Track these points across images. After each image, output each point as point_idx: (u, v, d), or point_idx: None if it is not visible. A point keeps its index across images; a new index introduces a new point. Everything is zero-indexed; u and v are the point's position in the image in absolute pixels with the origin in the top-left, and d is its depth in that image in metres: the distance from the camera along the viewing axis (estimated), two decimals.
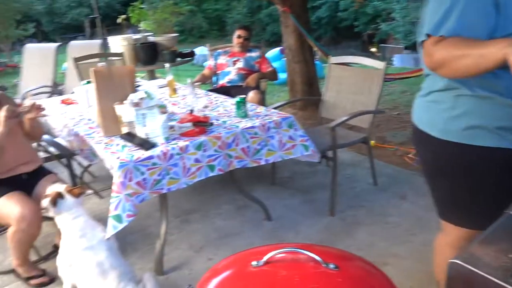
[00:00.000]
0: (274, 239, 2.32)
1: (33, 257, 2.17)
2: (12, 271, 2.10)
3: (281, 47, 7.50)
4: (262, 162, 2.12)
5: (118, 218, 1.68)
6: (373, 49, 14.72)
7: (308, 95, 4.71)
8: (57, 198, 1.68)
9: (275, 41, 15.36)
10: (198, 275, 2.03)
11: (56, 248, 2.26)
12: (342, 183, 2.82)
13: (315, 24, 15.95)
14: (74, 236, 1.67)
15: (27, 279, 2.06)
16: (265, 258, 0.62)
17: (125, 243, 2.26)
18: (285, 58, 4.96)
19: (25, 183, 2.05)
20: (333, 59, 3.00)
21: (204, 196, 2.85)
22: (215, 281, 0.67)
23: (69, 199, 1.71)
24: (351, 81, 2.83)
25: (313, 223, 2.44)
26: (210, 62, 3.78)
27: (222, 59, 3.65)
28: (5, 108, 1.86)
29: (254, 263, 0.64)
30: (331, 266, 0.63)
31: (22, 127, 2.09)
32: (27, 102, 2.00)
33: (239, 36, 3.58)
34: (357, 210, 2.56)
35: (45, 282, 2.05)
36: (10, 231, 1.91)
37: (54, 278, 2.06)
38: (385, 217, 2.45)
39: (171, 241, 2.33)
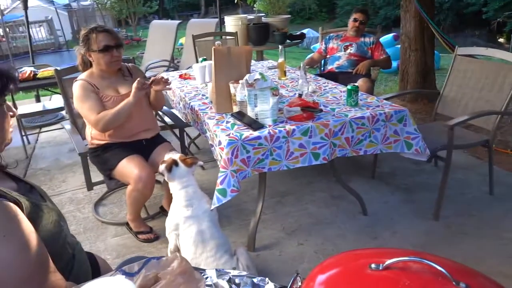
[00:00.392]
0: (367, 235, 2.23)
1: (142, 214, 2.42)
2: (126, 224, 2.37)
3: (394, 33, 7.04)
4: (361, 153, 2.04)
5: (223, 192, 1.76)
6: (501, 40, 12.98)
7: (421, 87, 4.37)
8: (172, 165, 1.81)
9: (387, 26, 14.47)
10: (288, 258, 2.08)
11: (162, 210, 2.49)
12: (450, 187, 2.57)
13: (436, 9, 14.60)
14: (182, 204, 1.78)
15: (136, 233, 2.30)
16: (387, 262, 0.58)
17: (221, 216, 2.37)
18: (400, 45, 4.64)
19: (144, 148, 2.27)
20: (460, 50, 2.70)
21: (299, 181, 2.85)
22: (329, 278, 0.65)
23: (182, 167, 1.82)
24: (480, 76, 2.52)
25: (413, 225, 2.29)
26: (320, 46, 3.70)
27: (333, 43, 3.54)
28: (137, 80, 2.07)
29: (373, 265, 0.60)
30: (462, 285, 0.57)
31: (148, 97, 2.30)
32: (158, 76, 2.19)
33: (355, 20, 3.42)
34: (466, 218, 2.32)
35: (151, 238, 2.27)
36: (128, 189, 2.14)
37: (158, 236, 2.28)
38: (499, 231, 2.19)
39: (264, 220, 2.38)
